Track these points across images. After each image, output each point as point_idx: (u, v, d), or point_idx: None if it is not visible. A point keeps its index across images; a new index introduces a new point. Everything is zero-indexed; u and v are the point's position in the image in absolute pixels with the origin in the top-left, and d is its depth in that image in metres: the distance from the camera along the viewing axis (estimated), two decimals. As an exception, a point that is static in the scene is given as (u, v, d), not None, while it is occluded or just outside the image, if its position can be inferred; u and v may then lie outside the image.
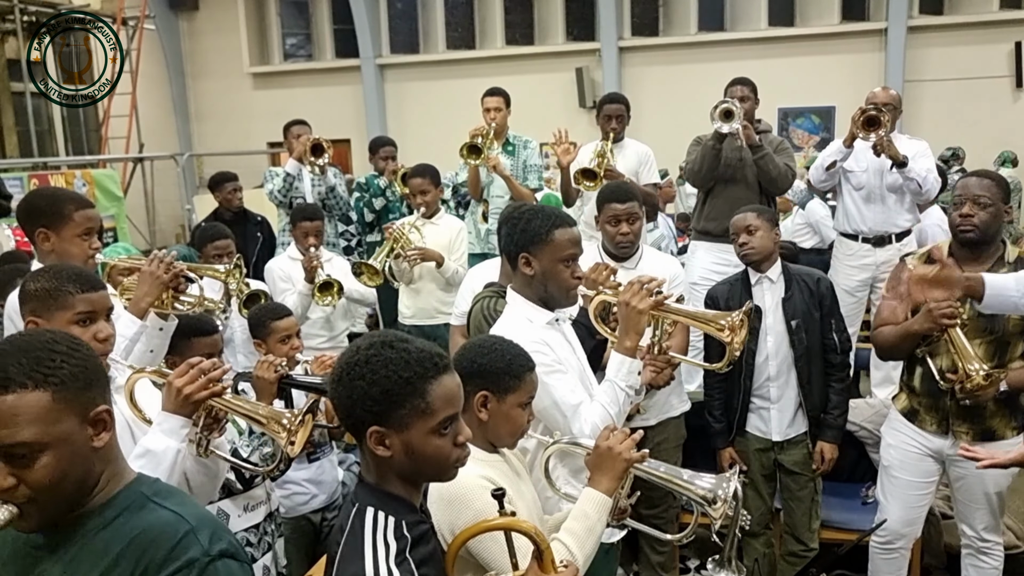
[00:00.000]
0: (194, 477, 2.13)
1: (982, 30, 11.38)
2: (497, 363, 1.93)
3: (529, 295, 2.41)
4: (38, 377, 1.27)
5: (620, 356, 2.37)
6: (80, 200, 2.77)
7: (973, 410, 2.88)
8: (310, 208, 4.69)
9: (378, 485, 1.52)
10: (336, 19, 14.18)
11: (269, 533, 2.78)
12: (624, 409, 2.38)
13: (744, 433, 3.39)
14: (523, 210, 2.47)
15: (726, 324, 2.38)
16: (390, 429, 1.46)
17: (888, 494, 3.16)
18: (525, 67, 12.74)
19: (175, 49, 14.42)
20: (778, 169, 4.52)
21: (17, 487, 1.27)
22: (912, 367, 3.05)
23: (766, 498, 3.44)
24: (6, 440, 1.25)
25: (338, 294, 4.32)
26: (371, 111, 13.63)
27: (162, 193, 11.24)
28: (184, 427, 1.95)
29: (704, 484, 1.70)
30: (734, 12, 12.61)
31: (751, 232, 3.30)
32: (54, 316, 2.01)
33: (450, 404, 1.49)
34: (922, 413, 3.01)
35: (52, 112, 11.53)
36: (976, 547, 3.07)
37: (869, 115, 4.42)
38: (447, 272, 4.63)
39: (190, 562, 1.31)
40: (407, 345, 1.48)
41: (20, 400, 1.25)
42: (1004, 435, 2.91)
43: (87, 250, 2.67)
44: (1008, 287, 2.53)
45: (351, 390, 1.46)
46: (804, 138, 12.14)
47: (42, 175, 7.92)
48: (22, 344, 1.32)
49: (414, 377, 1.45)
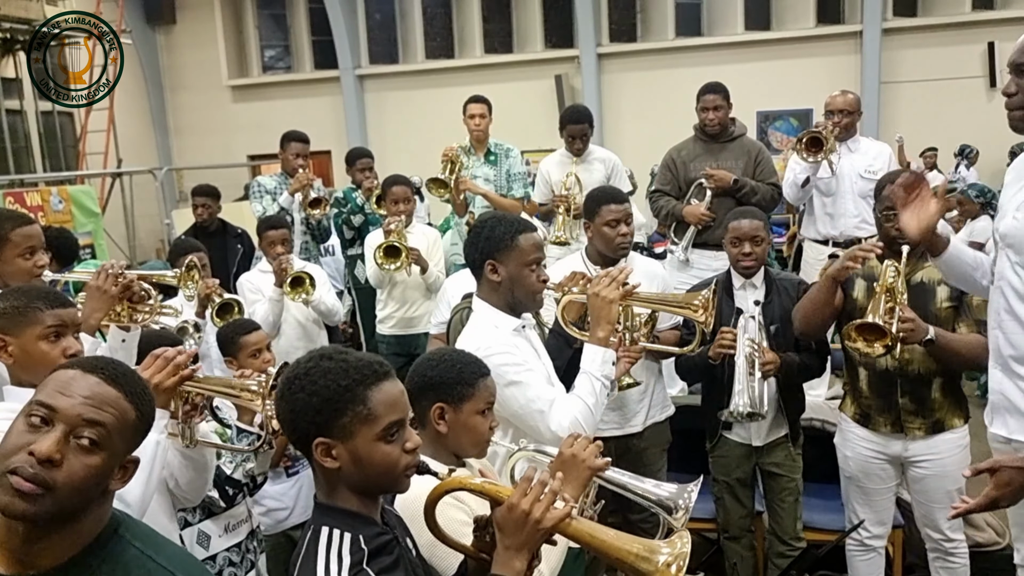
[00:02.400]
0: (182, 474, 2.14)
1: (955, 31, 11.54)
2: (448, 373, 1.93)
3: (496, 301, 2.43)
4: (136, 398, 1.39)
5: (594, 347, 2.40)
6: (17, 218, 2.69)
7: (922, 405, 2.92)
8: (274, 218, 4.64)
9: (332, 503, 1.51)
10: (314, 30, 14.19)
11: (251, 551, 2.75)
12: (601, 400, 2.39)
13: (725, 440, 3.37)
14: (485, 219, 2.51)
15: (699, 303, 2.41)
16: (335, 439, 1.45)
17: (853, 500, 3.18)
18: (504, 75, 12.79)
19: (153, 63, 14.38)
20: (761, 196, 4.57)
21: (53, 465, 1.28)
22: (854, 371, 3.05)
23: (745, 502, 3.44)
24: (91, 415, 1.32)
25: (311, 287, 4.23)
26: (351, 122, 13.63)
27: (141, 208, 11.17)
28: (161, 418, 1.95)
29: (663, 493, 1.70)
30: (711, 17, 12.71)
31: (757, 243, 3.17)
32: (24, 333, 2.00)
33: (393, 410, 1.48)
34: (873, 415, 3.01)
35: (29, 128, 11.44)
36: (944, 549, 3.07)
37: (811, 137, 4.53)
38: (430, 278, 4.64)
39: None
40: (346, 355, 1.50)
41: (119, 400, 1.36)
42: (953, 425, 2.94)
43: (31, 269, 2.61)
44: (966, 256, 2.55)
45: (293, 403, 1.47)
46: (783, 140, 12.23)
47: (18, 193, 7.84)
48: (133, 370, 1.47)
49: (353, 384, 1.45)
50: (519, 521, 1.48)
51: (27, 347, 2.00)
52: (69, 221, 7.86)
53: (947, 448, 2.94)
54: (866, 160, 4.71)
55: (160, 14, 14.13)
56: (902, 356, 2.86)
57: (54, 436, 1.28)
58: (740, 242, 3.17)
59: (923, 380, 2.89)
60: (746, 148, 4.76)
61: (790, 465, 3.33)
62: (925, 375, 2.89)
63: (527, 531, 1.47)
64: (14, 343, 2.00)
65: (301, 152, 5.45)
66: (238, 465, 2.59)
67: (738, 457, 3.36)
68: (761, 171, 4.69)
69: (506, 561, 1.49)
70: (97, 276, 2.63)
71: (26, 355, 2.00)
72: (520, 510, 1.48)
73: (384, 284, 4.77)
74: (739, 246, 3.17)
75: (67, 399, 1.31)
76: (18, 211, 3.37)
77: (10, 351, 2.00)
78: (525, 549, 1.49)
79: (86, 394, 1.32)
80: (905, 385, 2.91)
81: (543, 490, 1.48)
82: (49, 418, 1.30)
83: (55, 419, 1.30)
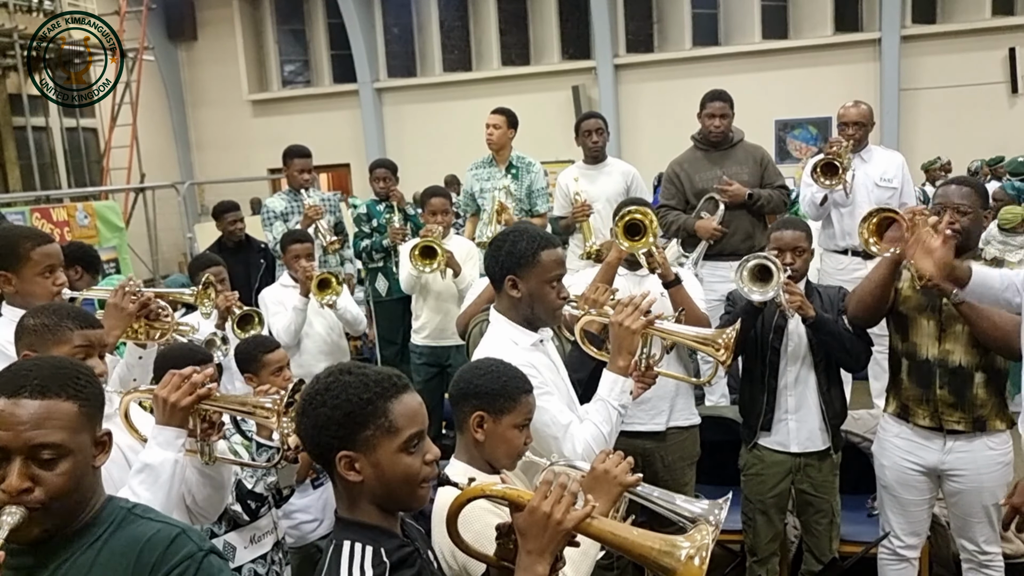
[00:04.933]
0: (199, 491, 2.14)
1: (975, 37, 11.46)
2: (492, 384, 1.95)
3: (514, 316, 2.41)
4: (71, 391, 1.42)
5: (613, 375, 2.39)
6: (38, 236, 2.70)
7: (961, 398, 2.89)
8: (298, 232, 4.66)
9: (353, 517, 1.53)
10: (333, 45, 14.32)
11: (277, 563, 2.77)
12: (616, 427, 2.38)
13: (760, 449, 3.26)
14: (508, 232, 2.48)
15: (722, 343, 2.38)
16: (358, 452, 1.47)
17: (889, 510, 3.15)
18: (521, 87, 12.84)
19: (175, 79, 14.57)
20: (772, 204, 4.65)
21: (32, 491, 1.36)
22: (897, 363, 3.05)
23: (777, 524, 3.36)
24: (39, 439, 1.37)
25: (339, 285, 4.23)
26: (370, 135, 13.73)
27: (164, 222, 11.30)
28: (179, 437, 1.97)
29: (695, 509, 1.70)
30: (728, 27, 12.70)
31: (799, 253, 3.10)
32: (51, 351, 2.02)
33: (414, 422, 1.50)
34: (912, 407, 2.99)
35: (54, 145, 11.63)
36: (978, 561, 3.03)
37: (826, 163, 4.44)
38: (462, 283, 4.56)
39: (187, 556, 1.43)
40: (364, 370, 1.53)
41: (55, 407, 1.40)
42: (995, 427, 2.90)
43: (50, 288, 2.60)
44: (992, 279, 2.56)
45: (315, 419, 1.49)
46: (802, 149, 12.18)
47: (44, 209, 7.96)
48: (53, 363, 1.50)
49: (374, 397, 1.47)
50: (540, 524, 1.48)
51: None
52: (94, 236, 7.97)
53: (985, 463, 2.91)
54: (880, 169, 4.67)
55: (182, 31, 14.34)
56: (943, 347, 2.87)
57: (15, 469, 1.36)
58: (782, 252, 3.08)
59: (964, 373, 2.88)
60: (750, 153, 4.75)
61: (826, 486, 3.25)
62: (966, 367, 2.87)
63: (548, 533, 1.48)
64: None
65: (305, 167, 5.43)
66: (259, 479, 2.61)
67: (774, 475, 3.25)
68: (768, 175, 4.71)
69: (528, 566, 1.49)
70: (115, 294, 2.68)
71: None
72: (541, 512, 1.48)
73: (415, 289, 4.72)
74: (780, 257, 3.08)
75: (6, 433, 1.36)
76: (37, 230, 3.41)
77: None
78: (547, 552, 1.48)
79: (22, 420, 1.37)
80: (944, 376, 2.89)
81: (563, 492, 1.49)
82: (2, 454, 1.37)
83: (8, 452, 1.37)
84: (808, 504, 3.29)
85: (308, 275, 4.18)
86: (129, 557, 1.41)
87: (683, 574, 1.42)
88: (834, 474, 3.28)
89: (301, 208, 5.36)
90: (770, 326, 3.15)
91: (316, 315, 4.38)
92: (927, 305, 2.91)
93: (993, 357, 2.87)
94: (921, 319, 2.93)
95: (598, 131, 4.94)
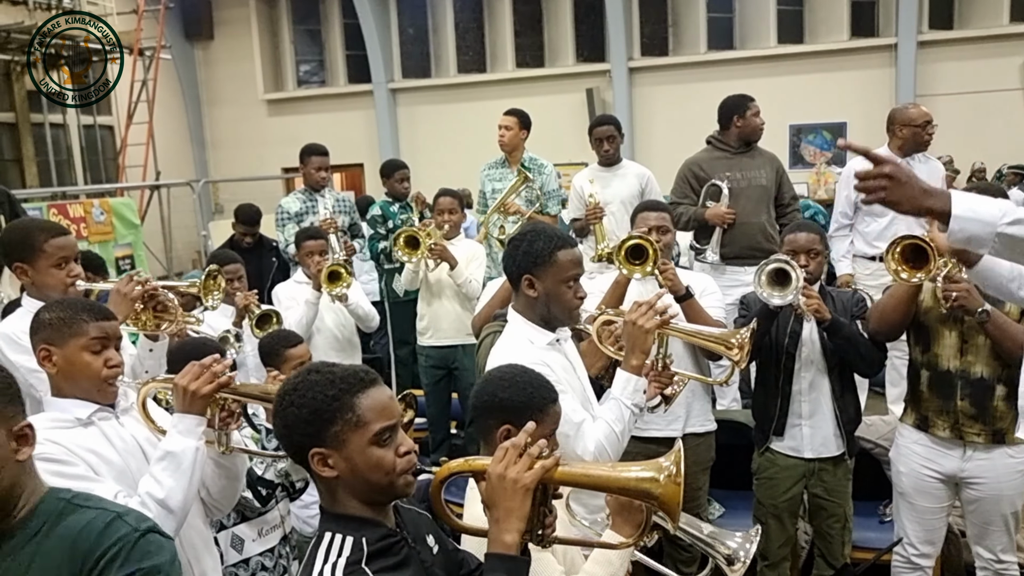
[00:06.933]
0: (214, 483, 2.18)
1: (993, 43, 11.37)
2: (519, 396, 1.92)
3: (531, 316, 2.42)
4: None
5: (626, 374, 2.39)
6: (52, 228, 2.75)
7: (982, 410, 2.87)
8: (312, 228, 4.70)
9: (335, 510, 1.54)
10: (348, 45, 14.36)
11: (284, 556, 2.80)
12: (629, 426, 2.38)
13: (774, 453, 3.26)
14: (525, 232, 2.49)
15: (736, 343, 2.38)
16: (330, 448, 1.49)
17: (905, 517, 3.14)
18: (536, 89, 12.82)
19: (191, 78, 14.65)
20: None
21: None
22: (916, 375, 3.03)
23: (789, 528, 3.36)
24: None
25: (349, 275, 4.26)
26: (384, 135, 13.76)
27: (179, 219, 11.37)
28: (199, 425, 2.01)
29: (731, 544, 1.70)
30: (743, 30, 12.66)
31: (813, 256, 3.10)
32: (68, 343, 2.05)
33: (383, 415, 1.51)
34: (932, 417, 2.98)
35: (71, 142, 11.72)
36: (994, 570, 3.03)
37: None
38: (459, 278, 4.58)
39: (120, 539, 1.44)
40: (332, 367, 1.55)
41: None
42: (1014, 440, 2.86)
43: (64, 279, 2.65)
44: (1001, 266, 2.52)
45: (285, 419, 1.53)
46: (815, 154, 12.13)
47: (61, 205, 8.02)
48: None
49: (340, 393, 1.49)
50: (498, 488, 1.47)
51: (71, 357, 2.05)
52: (110, 233, 8.03)
53: (1005, 471, 2.90)
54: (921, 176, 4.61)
55: (199, 30, 14.42)
56: (965, 358, 2.86)
57: None
58: (796, 255, 3.07)
59: (985, 384, 2.87)
60: (769, 159, 4.77)
61: (839, 491, 3.24)
62: (988, 379, 2.86)
63: (508, 495, 1.46)
64: (58, 353, 2.05)
65: (322, 165, 5.46)
66: (269, 466, 2.66)
67: (787, 478, 3.25)
68: (784, 185, 4.75)
69: (496, 536, 1.47)
70: (121, 282, 2.74)
71: (70, 365, 2.05)
72: (495, 475, 1.47)
73: (416, 284, 4.75)
74: (795, 259, 3.06)
75: None
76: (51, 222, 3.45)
77: (54, 360, 2.05)
78: (512, 517, 1.46)
79: None
80: (965, 388, 2.89)
81: (518, 451, 1.48)
82: None
83: None
84: (821, 509, 3.28)
85: (319, 270, 4.21)
86: (66, 547, 1.42)
87: (664, 494, 1.47)
88: (847, 479, 3.27)
89: (315, 209, 5.39)
90: (785, 331, 3.14)
91: (328, 311, 4.41)
92: (949, 316, 2.89)
93: (1014, 370, 2.84)
94: (943, 330, 2.92)
95: (609, 139, 4.93)
